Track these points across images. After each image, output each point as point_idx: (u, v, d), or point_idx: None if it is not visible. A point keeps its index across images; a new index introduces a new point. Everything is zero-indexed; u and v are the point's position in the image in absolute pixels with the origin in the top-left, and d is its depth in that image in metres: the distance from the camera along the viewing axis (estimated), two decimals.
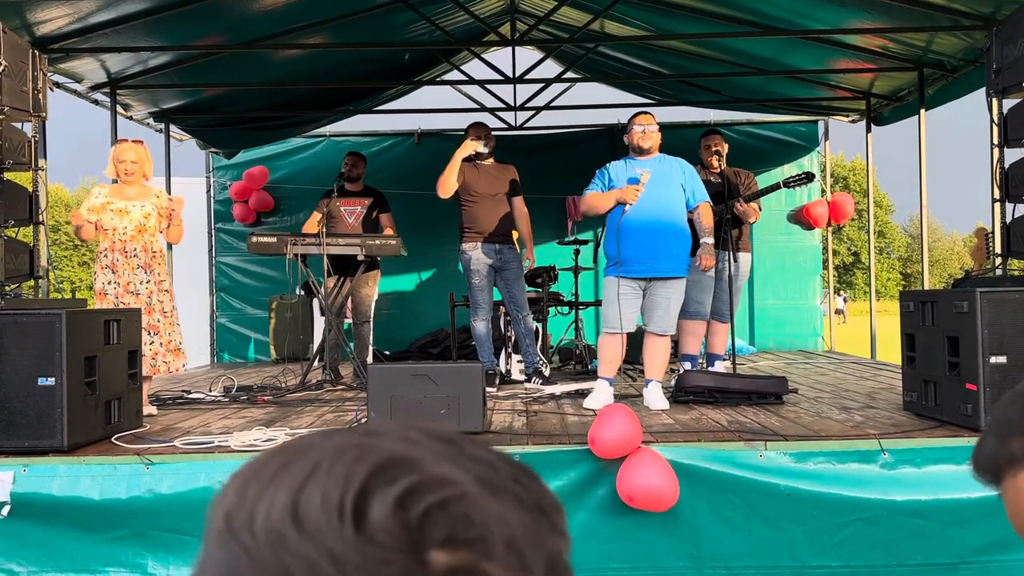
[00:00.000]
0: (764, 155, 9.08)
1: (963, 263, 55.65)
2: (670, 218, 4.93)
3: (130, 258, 5.17)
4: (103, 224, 5.20)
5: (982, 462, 0.75)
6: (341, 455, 0.48)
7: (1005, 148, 4.48)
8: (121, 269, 5.17)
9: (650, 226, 4.87)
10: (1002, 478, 0.73)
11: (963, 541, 3.51)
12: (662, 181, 4.98)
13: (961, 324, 3.90)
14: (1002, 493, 0.74)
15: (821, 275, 9.47)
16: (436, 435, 0.51)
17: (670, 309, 4.97)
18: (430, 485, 0.46)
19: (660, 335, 4.99)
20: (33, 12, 5.31)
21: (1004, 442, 0.72)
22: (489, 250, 5.99)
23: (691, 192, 5.06)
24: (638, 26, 7.66)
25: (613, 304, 4.90)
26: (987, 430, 0.76)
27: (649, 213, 4.89)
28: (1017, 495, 0.71)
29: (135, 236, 5.18)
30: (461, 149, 5.90)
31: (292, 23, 6.74)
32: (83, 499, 3.60)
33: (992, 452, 0.73)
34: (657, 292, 4.94)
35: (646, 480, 3.48)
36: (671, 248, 4.91)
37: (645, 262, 4.88)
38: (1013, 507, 0.72)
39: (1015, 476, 0.71)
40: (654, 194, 4.92)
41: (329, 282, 6.22)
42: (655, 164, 5.03)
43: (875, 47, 6.94)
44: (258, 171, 9.15)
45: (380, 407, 4.02)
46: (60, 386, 3.74)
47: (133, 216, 5.20)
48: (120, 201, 5.23)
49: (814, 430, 4.00)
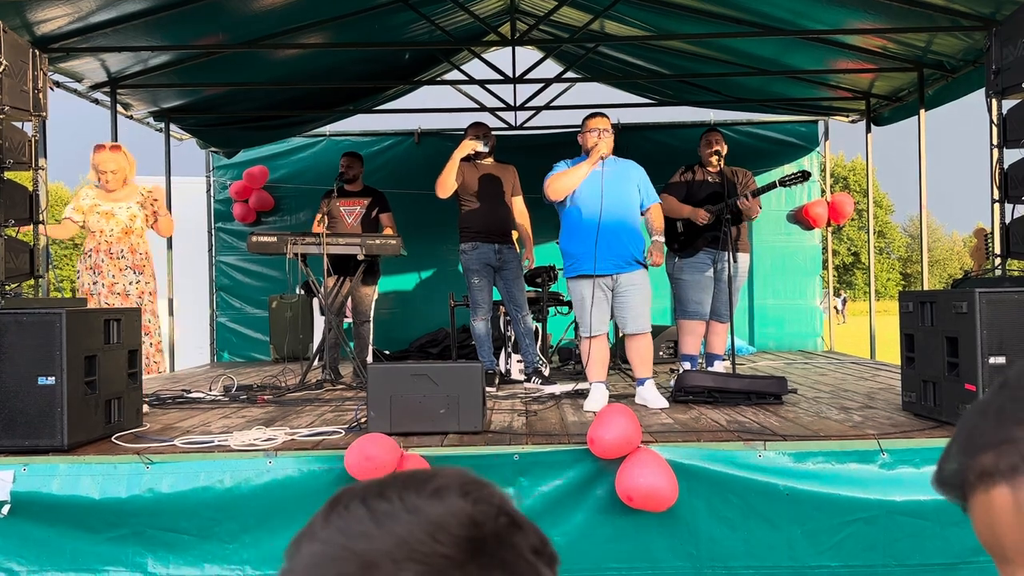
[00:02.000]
0: (764, 155, 9.08)
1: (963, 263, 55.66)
2: (632, 216, 5.10)
3: (116, 259, 5.18)
4: (90, 226, 5.21)
5: (947, 477, 0.73)
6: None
7: (1005, 149, 4.48)
8: (106, 270, 5.17)
9: (617, 224, 4.99)
10: (970, 494, 0.71)
11: (962, 541, 3.51)
12: (621, 180, 5.10)
13: (960, 325, 3.91)
14: (969, 509, 0.72)
15: (821, 275, 9.47)
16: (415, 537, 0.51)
17: (642, 306, 5.03)
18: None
19: (640, 334, 5.05)
20: (33, 11, 5.31)
21: (973, 456, 0.70)
22: (489, 250, 5.99)
23: (645, 193, 5.19)
24: (638, 26, 7.66)
25: (585, 309, 4.99)
26: (951, 444, 0.74)
27: (616, 212, 5.00)
28: (989, 511, 0.69)
29: (121, 238, 5.19)
30: (460, 149, 5.90)
31: (292, 23, 6.75)
32: (83, 498, 3.61)
33: (959, 467, 0.71)
34: (624, 289, 5.01)
35: (645, 480, 3.49)
36: (633, 244, 5.05)
37: (612, 259, 4.98)
38: (984, 523, 0.70)
39: (987, 492, 0.69)
40: (617, 192, 5.04)
41: (329, 282, 6.22)
42: (611, 165, 5.13)
43: (875, 47, 6.95)
44: (258, 170, 9.16)
45: (380, 407, 4.02)
46: (60, 385, 3.74)
47: (119, 218, 5.21)
48: (107, 203, 5.24)
49: (813, 430, 4.00)
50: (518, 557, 0.60)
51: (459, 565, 0.58)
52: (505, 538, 0.60)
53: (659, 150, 8.77)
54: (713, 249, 6.01)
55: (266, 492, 3.63)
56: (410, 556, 0.58)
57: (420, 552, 0.58)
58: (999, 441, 0.69)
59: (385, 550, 0.58)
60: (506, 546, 0.60)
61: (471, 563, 0.58)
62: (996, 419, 0.70)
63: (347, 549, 0.59)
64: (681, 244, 6.09)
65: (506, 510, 0.62)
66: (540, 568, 0.62)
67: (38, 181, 4.52)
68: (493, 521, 0.61)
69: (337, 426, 4.26)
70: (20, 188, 4.38)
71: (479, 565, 0.58)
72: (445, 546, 0.58)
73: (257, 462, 3.69)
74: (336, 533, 0.60)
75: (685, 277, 6.04)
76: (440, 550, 0.58)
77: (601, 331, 5.05)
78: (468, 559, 0.58)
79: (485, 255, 5.99)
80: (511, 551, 0.60)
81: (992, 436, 0.69)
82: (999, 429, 0.69)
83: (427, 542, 0.58)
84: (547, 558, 0.63)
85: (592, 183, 5.00)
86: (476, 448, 3.76)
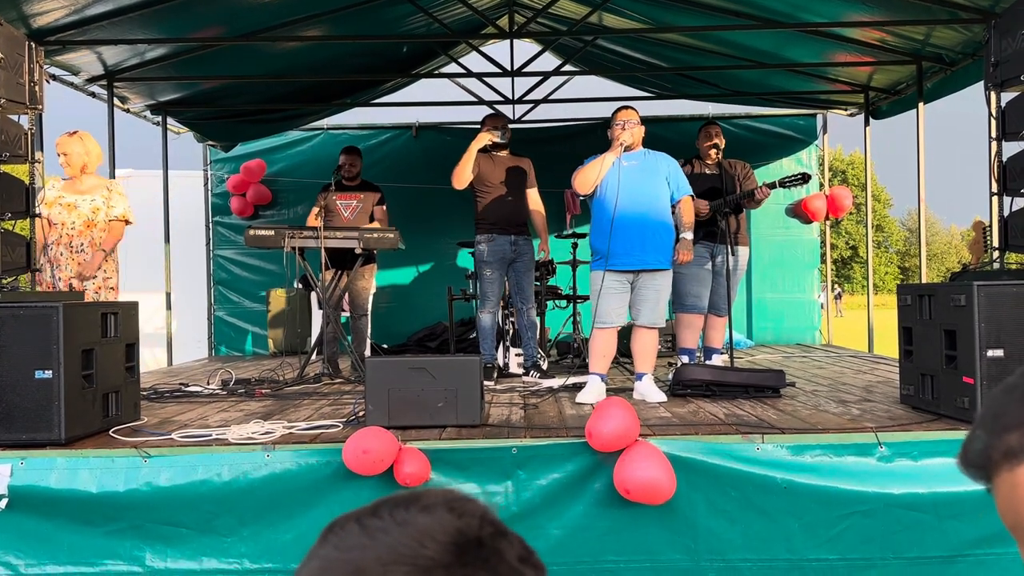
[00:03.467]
0: (762, 148, 9.07)
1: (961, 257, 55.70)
2: (656, 211, 5.01)
3: (75, 253, 5.12)
4: (52, 218, 5.15)
5: (972, 457, 0.73)
6: None
7: (1003, 141, 4.48)
8: (65, 264, 5.12)
9: (637, 219, 4.93)
10: (995, 473, 0.71)
11: (959, 534, 3.52)
12: (648, 174, 5.04)
13: (958, 318, 3.91)
14: (994, 489, 0.72)
15: (819, 269, 9.47)
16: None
17: (659, 302, 5.00)
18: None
19: (649, 328, 5.02)
20: (29, 4, 5.29)
21: (999, 436, 0.71)
22: (505, 242, 6.01)
23: (675, 186, 5.12)
24: (636, 19, 7.65)
25: (603, 299, 4.94)
26: (977, 424, 0.74)
27: (636, 206, 4.94)
28: (1013, 490, 0.70)
29: (83, 231, 5.13)
30: (477, 140, 5.96)
31: (290, 15, 6.73)
32: (81, 492, 3.60)
33: (984, 446, 0.72)
34: (645, 285, 4.97)
35: (643, 473, 3.49)
36: (657, 241, 4.97)
37: (632, 254, 4.93)
38: (1008, 503, 0.70)
39: (1012, 471, 0.70)
40: (641, 187, 4.98)
41: (327, 275, 6.21)
42: (640, 158, 5.09)
43: (874, 40, 6.93)
44: (256, 164, 9.14)
45: (378, 400, 4.02)
46: (57, 379, 3.74)
47: (81, 211, 5.16)
48: (71, 195, 5.19)
49: (811, 423, 4.01)
50: (502, 562, 0.63)
51: (445, 566, 0.61)
52: (490, 544, 0.64)
53: (657, 144, 8.72)
54: (711, 242, 6.01)
55: (264, 486, 3.63)
56: (398, 559, 0.61)
57: (408, 556, 0.61)
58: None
59: (375, 556, 0.61)
60: (491, 551, 0.63)
61: (457, 565, 0.61)
62: (1022, 400, 0.71)
63: (340, 560, 0.63)
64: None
65: (490, 519, 0.66)
66: (526, 573, 0.64)
67: (34, 175, 4.50)
68: (478, 529, 0.64)
69: (335, 420, 4.26)
70: (16, 181, 4.37)
71: (464, 565, 0.61)
72: (432, 550, 0.61)
73: (255, 456, 3.69)
74: (332, 549, 0.64)
75: (683, 270, 6.04)
76: (426, 553, 0.61)
77: (609, 323, 4.98)
78: (454, 561, 0.61)
79: (501, 248, 6.00)
80: (496, 556, 0.63)
81: (1017, 416, 0.70)
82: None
83: (415, 547, 0.62)
84: (532, 566, 0.66)
85: (614, 177, 4.98)
86: (474, 441, 3.76)
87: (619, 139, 5.01)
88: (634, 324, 5.10)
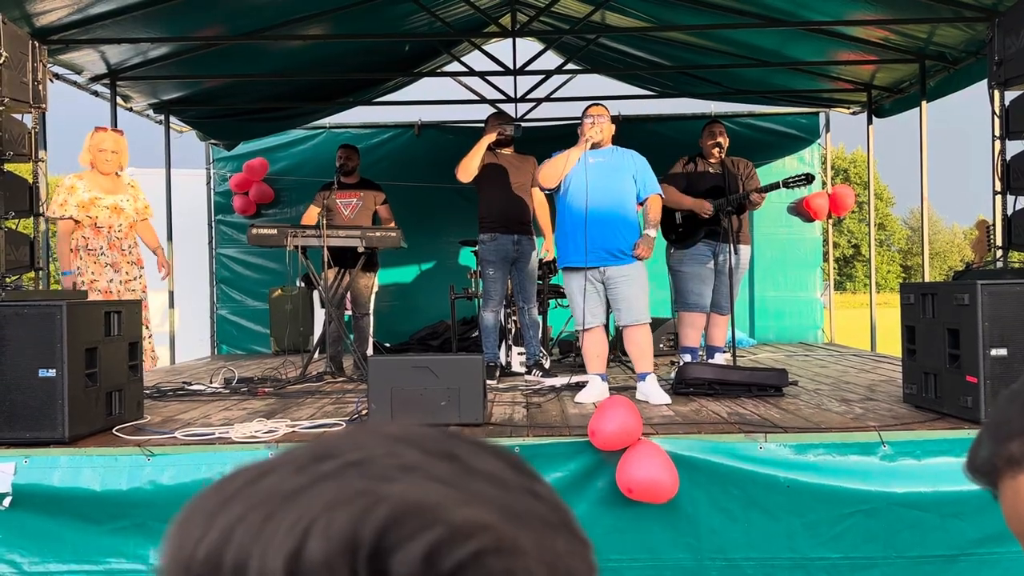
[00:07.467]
0: (765, 147, 9.06)
1: (964, 255, 55.62)
2: (621, 208, 4.99)
3: (126, 254, 5.14)
4: (98, 221, 5.15)
5: (978, 464, 0.74)
6: (337, 506, 0.40)
7: (1007, 140, 4.47)
8: (122, 267, 5.15)
9: (602, 216, 4.92)
10: (999, 480, 0.72)
11: (962, 533, 3.52)
12: (615, 171, 5.02)
13: (962, 316, 3.90)
14: (999, 495, 0.73)
15: (821, 267, 9.46)
16: (433, 450, 0.45)
17: (636, 297, 4.96)
18: (457, 537, 0.39)
19: (636, 325, 4.99)
20: (33, 3, 5.29)
21: (1002, 444, 0.72)
22: (507, 241, 6.02)
23: (642, 184, 5.08)
24: (639, 17, 7.64)
25: (576, 302, 4.95)
26: (983, 431, 0.75)
27: (601, 203, 4.92)
28: (1017, 497, 0.71)
29: (128, 233, 5.16)
30: (487, 136, 5.97)
31: (292, 14, 6.73)
32: (84, 490, 3.61)
33: (989, 454, 0.73)
34: (616, 282, 4.96)
35: (646, 472, 3.49)
36: (621, 239, 4.95)
37: (596, 252, 4.91)
38: (1012, 510, 0.72)
39: (1015, 478, 0.71)
40: (607, 184, 4.96)
41: (329, 274, 6.21)
42: (607, 155, 5.07)
43: (876, 39, 6.93)
44: (258, 163, 9.14)
45: (380, 399, 4.02)
46: (61, 378, 3.74)
47: (127, 212, 5.17)
48: (108, 196, 5.19)
49: (814, 422, 4.00)
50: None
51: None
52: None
53: (660, 142, 8.74)
54: (713, 241, 6.01)
55: None
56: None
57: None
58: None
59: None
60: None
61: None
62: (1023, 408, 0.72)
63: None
64: (680, 236, 6.09)
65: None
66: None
67: (38, 173, 4.51)
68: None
69: (338, 418, 4.26)
70: (20, 180, 4.37)
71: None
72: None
73: (258, 454, 3.69)
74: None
75: (685, 269, 6.04)
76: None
77: (593, 323, 5.00)
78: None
79: (504, 247, 6.01)
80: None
81: (1019, 424, 0.71)
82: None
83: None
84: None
85: (580, 173, 4.97)
86: None
87: (586, 135, 4.98)
88: (620, 326, 5.09)
